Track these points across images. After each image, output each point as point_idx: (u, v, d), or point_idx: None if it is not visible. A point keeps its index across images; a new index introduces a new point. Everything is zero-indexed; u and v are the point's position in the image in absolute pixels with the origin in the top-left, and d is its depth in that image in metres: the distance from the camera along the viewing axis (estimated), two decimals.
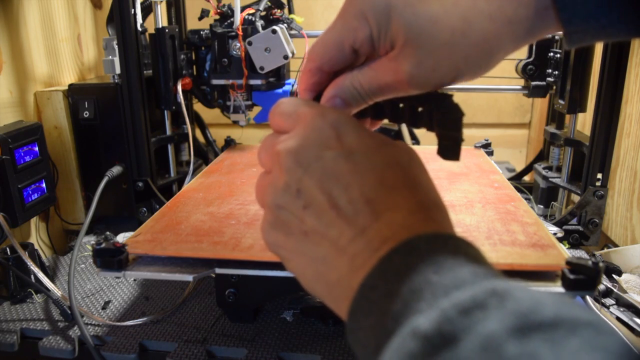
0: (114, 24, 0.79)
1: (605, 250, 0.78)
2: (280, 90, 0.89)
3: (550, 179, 0.89)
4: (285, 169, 0.30)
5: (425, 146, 0.96)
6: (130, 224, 0.87)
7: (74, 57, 0.95)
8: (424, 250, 0.25)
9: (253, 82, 0.86)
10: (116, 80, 0.82)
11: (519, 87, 0.92)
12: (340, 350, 0.58)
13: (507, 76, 0.91)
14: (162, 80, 0.87)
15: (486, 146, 0.95)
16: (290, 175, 0.30)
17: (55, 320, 0.65)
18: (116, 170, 0.83)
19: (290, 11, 0.90)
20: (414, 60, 0.30)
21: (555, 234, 0.75)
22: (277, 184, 0.31)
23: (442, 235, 0.26)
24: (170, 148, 0.93)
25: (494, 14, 0.29)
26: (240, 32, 0.83)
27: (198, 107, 1.03)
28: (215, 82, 0.87)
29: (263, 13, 0.85)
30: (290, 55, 0.83)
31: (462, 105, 0.32)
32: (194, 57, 0.92)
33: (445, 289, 0.23)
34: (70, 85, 0.84)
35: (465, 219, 0.61)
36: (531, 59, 0.87)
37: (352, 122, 0.31)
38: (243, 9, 0.84)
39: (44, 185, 0.76)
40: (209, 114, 1.08)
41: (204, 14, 0.88)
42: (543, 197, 0.93)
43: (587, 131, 0.80)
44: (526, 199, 0.96)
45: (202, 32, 0.88)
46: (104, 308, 0.68)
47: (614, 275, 0.71)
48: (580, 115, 0.85)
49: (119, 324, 0.63)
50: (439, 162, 0.34)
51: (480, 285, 0.22)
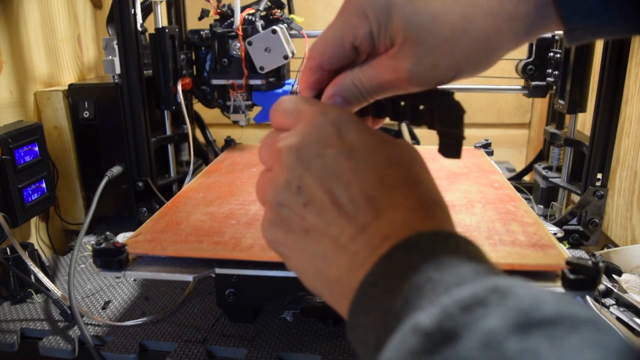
0: (114, 24, 0.79)
1: (605, 250, 0.78)
2: (280, 90, 0.89)
3: (550, 179, 0.89)
4: (286, 166, 0.30)
5: (425, 146, 0.96)
6: (130, 224, 0.87)
7: (74, 57, 0.95)
8: (424, 247, 0.25)
9: (253, 82, 0.87)
10: (116, 80, 0.82)
11: (519, 87, 0.92)
12: (340, 350, 0.58)
13: (507, 76, 0.91)
14: (162, 80, 0.87)
15: (486, 146, 0.95)
16: (291, 173, 0.30)
17: (55, 320, 0.65)
18: (116, 170, 0.83)
19: (290, 11, 0.90)
20: (414, 57, 0.30)
21: (555, 234, 0.75)
22: (277, 181, 0.30)
23: (442, 233, 0.26)
24: (170, 148, 0.93)
25: (494, 10, 0.29)
26: (240, 32, 0.83)
27: (198, 107, 1.03)
28: (215, 82, 0.87)
29: (263, 13, 0.85)
30: (290, 55, 0.83)
31: (462, 104, 0.32)
32: (194, 57, 0.92)
33: (446, 285, 0.23)
34: (70, 85, 0.84)
35: (465, 219, 0.61)
36: (531, 59, 0.87)
37: (353, 120, 0.31)
38: (243, 9, 0.84)
39: (44, 185, 0.76)
40: (209, 114, 1.08)
41: (204, 14, 0.88)
42: (543, 197, 0.93)
43: (587, 131, 0.80)
44: (526, 199, 0.96)
45: (202, 32, 0.88)
46: (104, 308, 0.68)
47: (614, 275, 0.71)
48: (580, 115, 0.85)
49: (119, 324, 0.63)
50: (439, 162, 0.34)
51: (481, 282, 0.22)
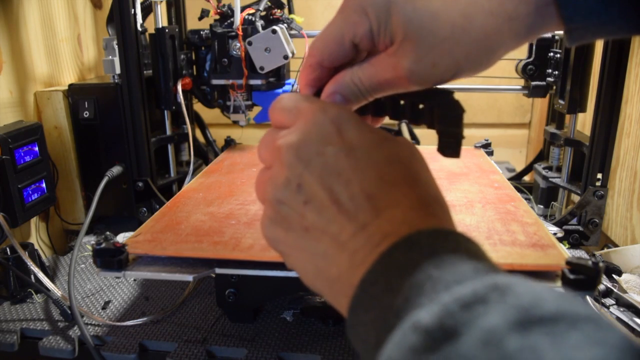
0: (114, 24, 0.79)
1: (605, 250, 0.78)
2: (280, 90, 0.89)
3: (550, 179, 0.89)
4: (286, 164, 0.30)
5: (425, 146, 0.96)
6: (130, 224, 0.87)
7: (74, 57, 0.95)
8: (424, 245, 0.25)
9: (253, 82, 0.87)
10: (116, 80, 0.82)
11: (519, 87, 0.92)
12: (340, 350, 0.58)
13: (507, 76, 0.91)
14: (162, 80, 0.87)
15: (486, 146, 0.95)
16: (291, 171, 0.30)
17: (55, 320, 0.65)
18: (116, 170, 0.83)
19: (290, 11, 0.90)
20: (413, 56, 0.30)
21: (555, 234, 0.75)
22: (277, 179, 0.30)
23: (442, 231, 0.26)
24: (170, 148, 0.93)
25: (494, 10, 0.29)
26: (240, 32, 0.83)
27: (198, 107, 1.03)
28: (215, 82, 0.87)
29: (263, 13, 0.85)
30: (290, 55, 0.83)
31: (461, 103, 0.32)
32: (194, 57, 0.92)
33: (446, 283, 0.22)
34: (70, 85, 0.84)
35: (465, 219, 0.61)
36: (531, 59, 0.87)
37: (353, 118, 0.31)
38: (243, 9, 0.84)
39: (44, 185, 0.76)
40: (209, 114, 1.08)
41: (204, 14, 0.88)
42: (543, 197, 0.93)
43: (587, 131, 0.80)
44: (526, 199, 0.96)
45: (202, 32, 0.88)
46: (104, 308, 0.68)
47: (614, 275, 0.71)
48: (580, 115, 0.85)
49: (119, 324, 0.63)
50: (439, 162, 0.34)
51: (481, 279, 0.22)
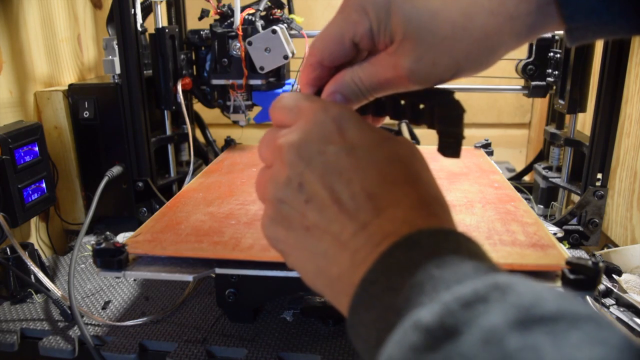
0: (114, 24, 0.79)
1: (605, 250, 0.78)
2: (280, 90, 0.89)
3: (550, 179, 0.89)
4: (287, 163, 0.30)
5: (425, 146, 0.96)
6: (130, 224, 0.87)
7: (74, 57, 0.95)
8: (425, 245, 0.25)
9: (253, 82, 0.87)
10: (116, 80, 0.82)
11: (519, 87, 0.92)
12: (340, 350, 0.58)
13: (507, 76, 0.91)
14: (162, 80, 0.87)
15: (486, 146, 0.95)
16: (292, 170, 0.30)
17: (55, 320, 0.65)
18: (116, 170, 0.83)
19: (290, 11, 0.90)
20: (413, 55, 0.30)
21: (555, 234, 0.75)
22: (278, 178, 0.30)
23: (443, 231, 0.26)
24: (170, 148, 0.93)
25: (495, 9, 0.29)
26: (240, 32, 0.83)
27: (198, 107, 1.03)
28: (215, 82, 0.87)
29: (263, 13, 0.85)
30: (290, 55, 0.83)
31: (462, 104, 0.32)
32: (194, 57, 0.92)
33: (447, 282, 0.23)
34: (70, 85, 0.84)
35: (465, 219, 0.61)
36: (531, 59, 0.87)
37: (354, 117, 0.31)
38: (243, 9, 0.84)
39: (44, 185, 0.76)
40: (209, 114, 1.08)
41: (204, 14, 0.88)
42: (543, 197, 0.93)
43: (587, 131, 0.80)
44: (526, 199, 0.96)
45: (202, 32, 0.88)
46: (104, 308, 0.68)
47: (614, 275, 0.71)
48: (580, 115, 0.85)
49: (119, 324, 0.63)
50: (439, 162, 0.34)
51: (482, 279, 0.22)
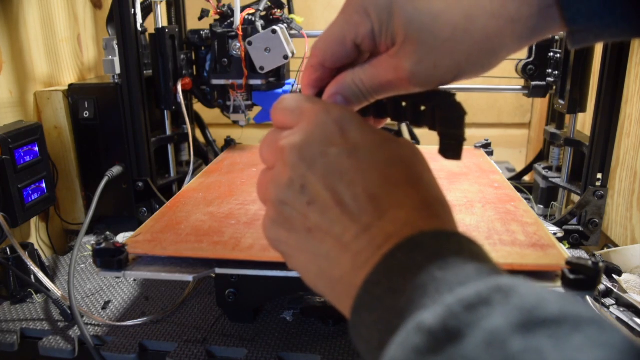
0: (114, 24, 0.79)
1: (605, 250, 0.78)
2: (280, 90, 0.89)
3: (550, 179, 0.89)
4: (289, 164, 0.30)
5: (426, 146, 0.96)
6: (130, 224, 0.87)
7: (74, 57, 0.95)
8: (427, 247, 0.25)
9: (253, 82, 0.86)
10: (116, 80, 0.82)
11: (519, 87, 0.92)
12: (340, 350, 0.58)
13: (507, 76, 0.91)
14: (162, 80, 0.86)
15: (486, 146, 0.95)
16: (294, 171, 0.29)
17: (55, 320, 0.65)
18: (116, 170, 0.83)
19: (290, 11, 0.90)
20: (414, 57, 0.30)
21: (555, 234, 0.75)
22: (280, 179, 0.30)
23: (445, 232, 0.26)
24: (170, 148, 0.93)
25: (496, 12, 0.29)
26: (240, 32, 0.83)
27: (198, 107, 1.03)
28: (215, 82, 0.87)
29: (263, 13, 0.85)
30: (290, 55, 0.83)
31: (462, 104, 0.32)
32: (194, 57, 0.92)
33: (449, 285, 0.23)
34: (70, 85, 0.84)
35: (465, 219, 0.61)
36: (531, 59, 0.87)
37: (356, 119, 0.31)
38: (243, 9, 0.84)
39: (44, 185, 0.76)
40: (209, 114, 1.08)
41: (204, 14, 0.88)
42: (543, 197, 0.93)
43: (587, 131, 0.80)
44: (526, 199, 0.96)
45: (202, 32, 0.88)
46: (104, 308, 0.68)
47: (614, 275, 0.71)
48: (580, 115, 0.85)
49: (119, 324, 0.63)
50: (439, 162, 0.34)
51: (484, 281, 0.22)
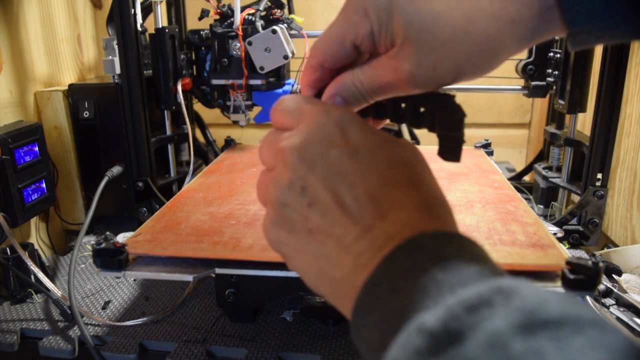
0: (114, 24, 0.79)
1: (605, 250, 0.78)
2: (280, 90, 0.89)
3: (550, 179, 0.89)
4: (290, 166, 0.30)
5: (425, 146, 0.96)
6: (130, 224, 0.87)
7: (74, 57, 0.95)
8: (428, 248, 0.25)
9: (253, 82, 0.86)
10: (116, 80, 0.82)
11: (519, 87, 0.92)
12: (340, 350, 0.58)
13: (507, 76, 0.91)
14: (162, 80, 0.86)
15: (486, 146, 0.95)
16: (294, 173, 0.29)
17: (55, 320, 0.65)
18: (116, 170, 0.83)
19: (290, 11, 0.90)
20: (414, 58, 0.30)
21: (555, 234, 0.75)
22: (280, 181, 0.30)
23: (446, 233, 0.26)
24: (170, 148, 0.93)
25: (497, 13, 0.28)
26: (240, 32, 0.83)
27: (198, 107, 1.03)
28: (215, 82, 0.87)
29: (263, 13, 0.85)
30: (290, 55, 0.83)
31: (462, 105, 0.32)
32: (194, 57, 0.92)
33: (450, 286, 0.22)
34: (70, 85, 0.84)
35: (465, 219, 0.61)
36: (531, 59, 0.87)
37: (356, 120, 0.31)
38: (243, 9, 0.84)
39: (44, 185, 0.76)
40: (209, 114, 1.08)
41: (204, 14, 0.88)
42: (543, 197, 0.93)
43: (587, 131, 0.80)
44: (526, 199, 0.96)
45: (202, 32, 0.88)
46: (104, 308, 0.68)
47: (614, 275, 0.71)
48: (580, 115, 0.85)
49: (119, 324, 0.63)
50: (439, 162, 0.34)
51: (486, 282, 0.22)
